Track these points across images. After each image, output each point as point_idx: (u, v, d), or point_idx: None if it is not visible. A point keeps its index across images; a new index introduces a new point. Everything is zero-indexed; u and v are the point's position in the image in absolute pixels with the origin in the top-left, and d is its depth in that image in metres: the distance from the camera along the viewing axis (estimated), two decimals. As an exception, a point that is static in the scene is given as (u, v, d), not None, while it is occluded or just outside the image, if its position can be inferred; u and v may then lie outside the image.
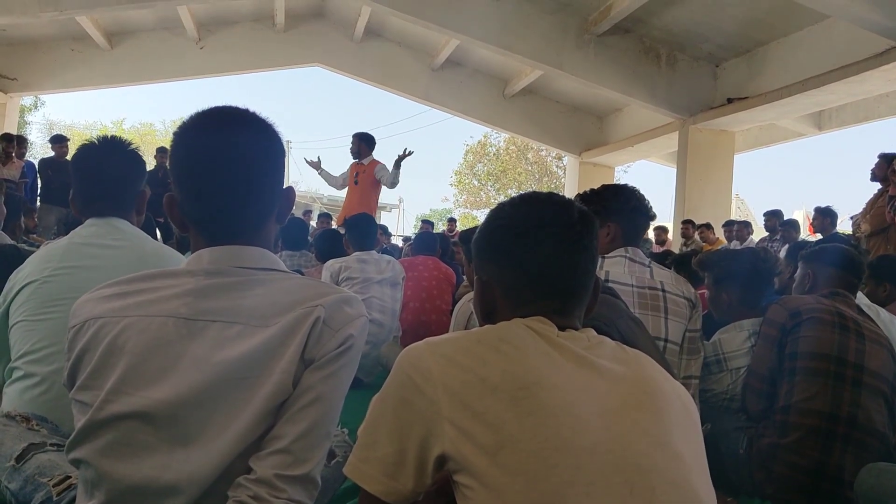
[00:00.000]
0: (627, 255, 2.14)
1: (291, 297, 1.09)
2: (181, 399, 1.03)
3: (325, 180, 7.48)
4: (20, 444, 1.46)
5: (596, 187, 2.27)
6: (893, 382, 2.17)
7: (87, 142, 1.89)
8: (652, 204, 2.26)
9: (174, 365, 1.05)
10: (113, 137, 1.91)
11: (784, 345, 2.22)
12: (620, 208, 2.17)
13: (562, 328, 1.02)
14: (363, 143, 7.05)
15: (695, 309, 2.14)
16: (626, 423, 0.92)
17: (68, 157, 8.08)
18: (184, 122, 1.15)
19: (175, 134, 1.15)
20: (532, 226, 1.08)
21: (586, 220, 1.09)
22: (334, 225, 8.92)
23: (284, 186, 1.22)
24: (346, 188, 7.21)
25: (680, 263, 4.14)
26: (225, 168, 1.11)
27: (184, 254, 1.97)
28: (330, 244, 4.45)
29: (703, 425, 1.56)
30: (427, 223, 11.78)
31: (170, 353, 1.05)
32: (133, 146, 1.93)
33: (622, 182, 2.53)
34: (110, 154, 1.87)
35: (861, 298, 2.95)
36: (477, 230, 1.18)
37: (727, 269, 2.63)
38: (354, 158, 7.03)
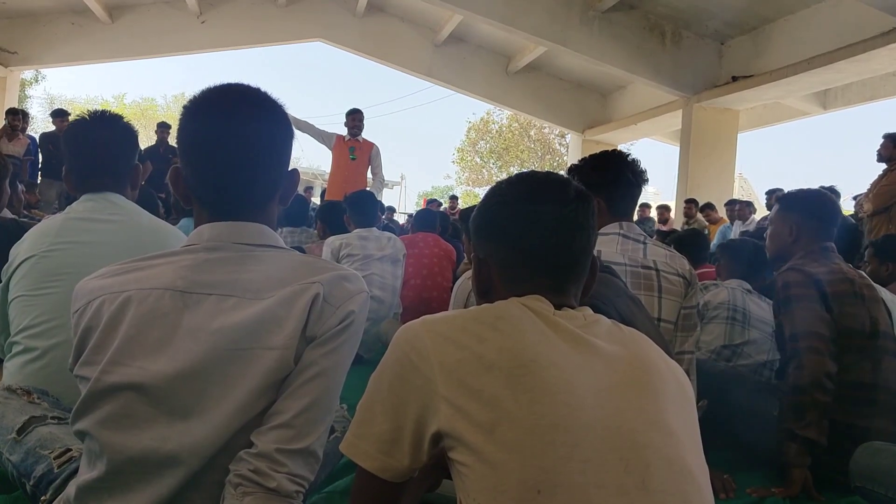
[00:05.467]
0: (622, 231, 2.11)
1: (288, 273, 1.10)
2: (178, 371, 1.04)
3: (304, 130, 6.85)
4: (21, 417, 1.47)
5: (583, 158, 2.22)
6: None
7: (79, 117, 1.89)
8: (643, 166, 2.17)
9: (170, 337, 1.06)
10: (105, 112, 1.91)
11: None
12: (601, 180, 2.09)
13: (558, 307, 1.03)
14: (363, 119, 6.98)
15: (690, 286, 2.12)
16: (622, 401, 0.92)
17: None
18: (194, 97, 1.15)
19: (185, 108, 1.15)
20: (528, 203, 1.08)
21: (583, 198, 1.09)
22: (316, 200, 8.74)
23: (289, 168, 1.22)
24: (336, 161, 6.99)
25: (680, 242, 4.14)
26: (232, 147, 1.11)
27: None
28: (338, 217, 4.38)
29: (700, 401, 1.57)
30: (434, 203, 11.75)
31: (166, 325, 1.06)
32: (125, 120, 1.92)
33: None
34: (103, 129, 1.86)
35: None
36: (475, 208, 1.18)
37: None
38: (352, 134, 6.91)
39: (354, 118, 6.88)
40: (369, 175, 7.10)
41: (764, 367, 2.85)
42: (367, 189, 5.95)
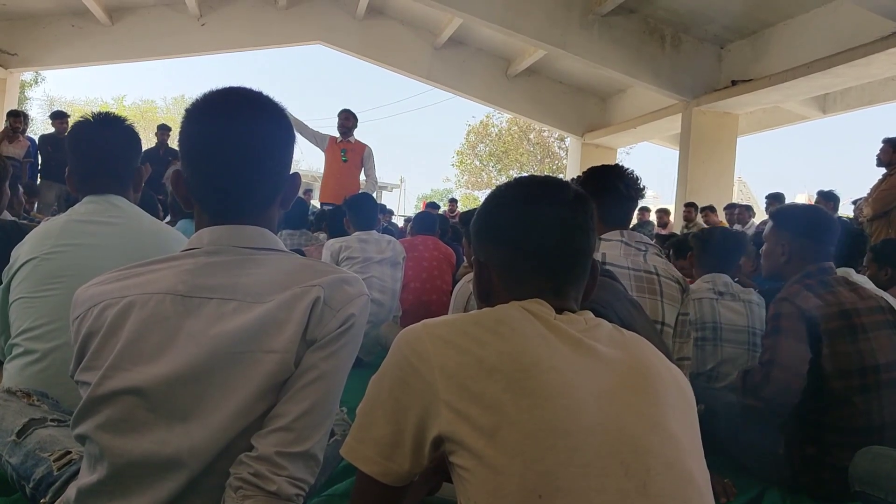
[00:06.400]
0: (623, 238, 2.16)
1: (288, 276, 1.10)
2: (177, 374, 1.04)
3: (299, 130, 6.70)
4: (21, 420, 1.47)
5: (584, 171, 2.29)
6: None
7: (82, 118, 1.89)
8: (642, 184, 2.22)
9: (171, 341, 1.06)
10: (108, 114, 1.91)
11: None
12: (593, 190, 2.14)
13: (559, 310, 1.03)
14: (355, 120, 6.98)
15: (685, 292, 2.15)
16: (622, 406, 0.92)
17: (69, 134, 8.04)
18: (196, 100, 1.15)
19: (187, 111, 1.15)
20: (527, 204, 1.09)
21: (581, 199, 1.11)
22: (315, 203, 8.77)
23: (291, 172, 1.22)
24: (329, 162, 7.05)
25: (679, 247, 4.14)
26: (233, 150, 1.11)
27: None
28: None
29: (699, 406, 1.58)
30: (432, 206, 11.73)
31: (167, 330, 1.06)
32: (128, 122, 1.92)
33: (624, 163, 2.54)
34: (106, 130, 1.86)
35: (865, 283, 2.95)
36: (475, 212, 1.19)
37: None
38: (343, 135, 6.92)
39: (345, 117, 6.90)
40: (362, 177, 7.12)
41: None
42: (367, 193, 5.95)
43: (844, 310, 2.15)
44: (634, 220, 2.39)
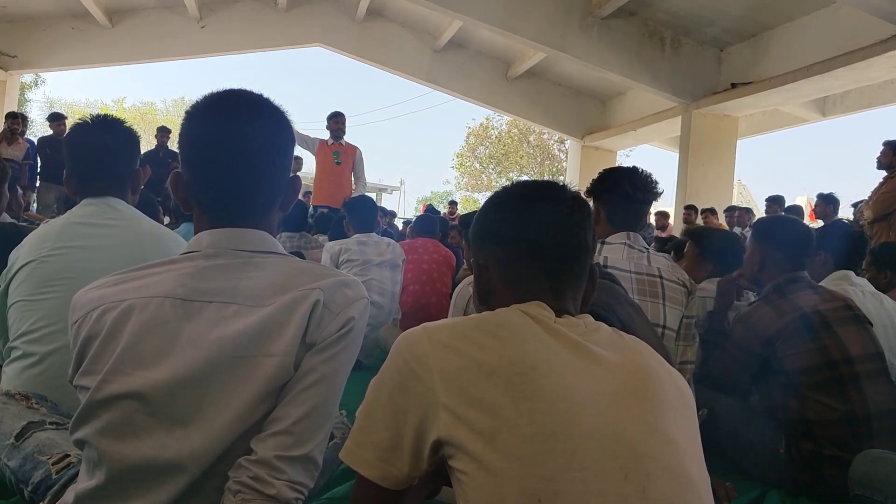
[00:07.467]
0: (628, 241, 2.16)
1: (288, 279, 1.10)
2: (178, 378, 1.03)
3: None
4: (20, 422, 1.47)
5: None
6: (880, 353, 2.24)
7: (80, 121, 1.88)
8: (659, 188, 2.23)
9: (171, 345, 1.05)
10: (106, 116, 1.90)
11: (759, 365, 2.29)
12: (600, 191, 2.22)
13: (558, 313, 1.03)
14: (345, 123, 6.99)
15: (690, 295, 2.15)
16: (622, 409, 0.92)
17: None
18: (197, 102, 1.15)
19: (187, 113, 1.15)
20: (524, 202, 1.11)
21: (577, 199, 1.12)
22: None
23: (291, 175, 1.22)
24: (322, 166, 7.07)
25: (679, 248, 4.14)
26: (234, 153, 1.11)
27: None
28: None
29: (699, 411, 1.58)
30: (431, 210, 11.72)
31: (167, 334, 1.06)
32: (126, 124, 1.91)
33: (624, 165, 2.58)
34: (104, 133, 1.85)
35: (866, 285, 2.96)
36: (474, 215, 1.19)
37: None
38: (336, 138, 6.92)
39: (338, 121, 6.89)
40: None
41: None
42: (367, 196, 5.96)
43: (802, 314, 2.23)
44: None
